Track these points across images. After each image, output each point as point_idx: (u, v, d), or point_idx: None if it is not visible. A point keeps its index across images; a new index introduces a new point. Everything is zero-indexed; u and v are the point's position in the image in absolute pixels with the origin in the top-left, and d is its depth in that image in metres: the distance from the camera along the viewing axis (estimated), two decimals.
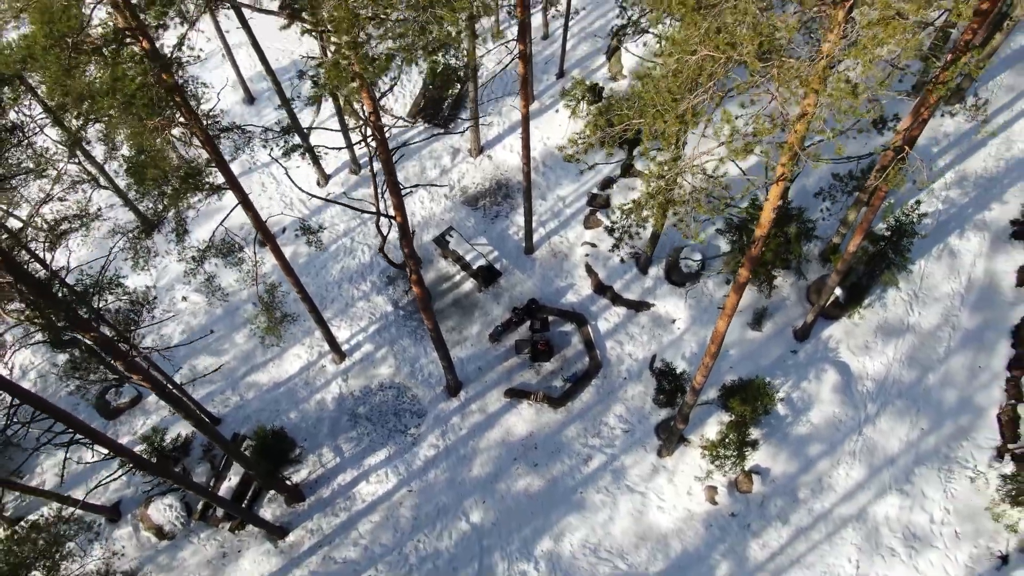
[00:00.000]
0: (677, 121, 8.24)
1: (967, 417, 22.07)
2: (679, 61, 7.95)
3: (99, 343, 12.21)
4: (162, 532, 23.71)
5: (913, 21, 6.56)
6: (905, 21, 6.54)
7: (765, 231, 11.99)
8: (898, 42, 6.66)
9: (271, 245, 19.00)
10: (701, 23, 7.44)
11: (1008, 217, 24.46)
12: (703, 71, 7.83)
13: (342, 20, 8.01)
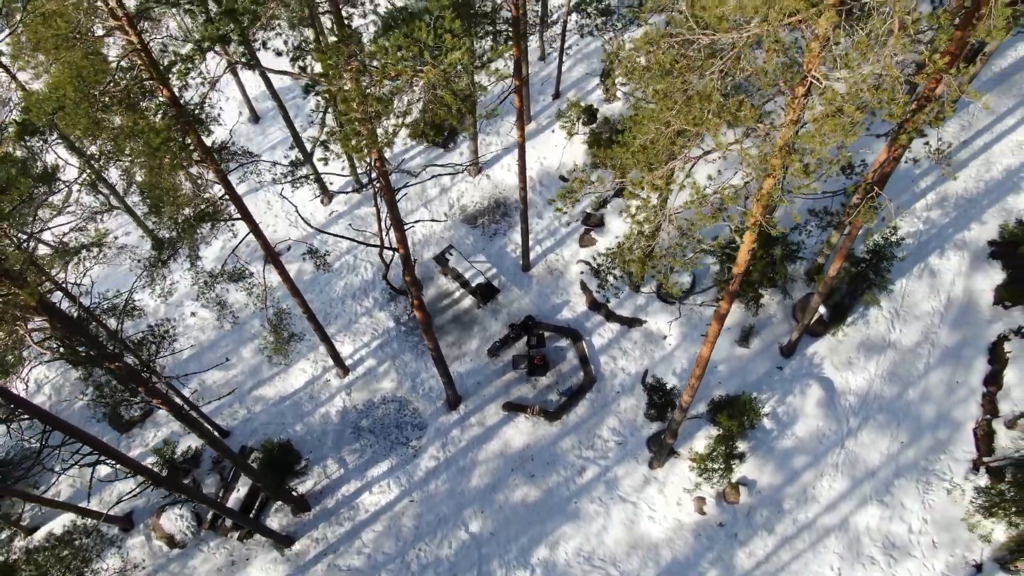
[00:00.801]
0: (653, 188, 9.19)
1: (945, 431, 23.04)
2: (656, 131, 8.92)
3: (124, 373, 13.17)
4: (173, 541, 24.66)
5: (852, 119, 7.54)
6: (845, 119, 7.49)
7: (742, 269, 12.95)
8: (841, 133, 7.63)
9: (279, 269, 19.96)
10: (671, 106, 8.40)
11: (986, 237, 25.43)
12: (675, 143, 8.77)
13: (353, 98, 8.94)
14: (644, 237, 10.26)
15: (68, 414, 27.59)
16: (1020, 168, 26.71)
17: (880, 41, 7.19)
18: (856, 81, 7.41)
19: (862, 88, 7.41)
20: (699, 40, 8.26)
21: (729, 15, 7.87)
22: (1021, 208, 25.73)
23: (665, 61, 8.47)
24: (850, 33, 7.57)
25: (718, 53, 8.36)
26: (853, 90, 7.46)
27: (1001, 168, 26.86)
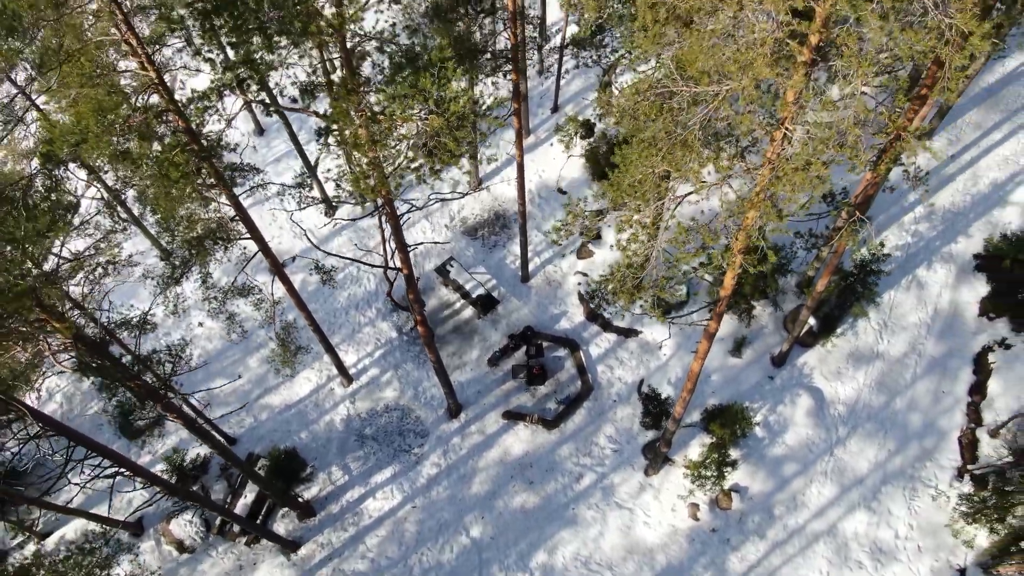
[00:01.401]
0: (641, 226, 9.92)
1: (931, 439, 23.77)
2: (643, 172, 9.66)
3: (143, 391, 13.90)
4: (182, 546, 25.40)
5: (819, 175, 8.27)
6: (812, 174, 8.21)
7: (729, 292, 13.69)
8: (808, 186, 8.35)
9: (287, 286, 20.70)
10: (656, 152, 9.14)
11: (972, 250, 26.16)
12: (661, 185, 9.51)
13: (364, 145, 9.65)
14: (633, 269, 11.00)
15: (80, 421, 28.34)
16: (1006, 182, 27.44)
17: (845, 103, 7.93)
18: (823, 139, 8.13)
19: (828, 145, 8.15)
20: (682, 91, 8.99)
21: (710, 70, 8.59)
22: (1007, 222, 26.45)
23: (651, 111, 9.20)
24: (820, 92, 8.31)
25: (700, 102, 9.09)
26: (820, 147, 8.19)
27: (988, 182, 27.60)
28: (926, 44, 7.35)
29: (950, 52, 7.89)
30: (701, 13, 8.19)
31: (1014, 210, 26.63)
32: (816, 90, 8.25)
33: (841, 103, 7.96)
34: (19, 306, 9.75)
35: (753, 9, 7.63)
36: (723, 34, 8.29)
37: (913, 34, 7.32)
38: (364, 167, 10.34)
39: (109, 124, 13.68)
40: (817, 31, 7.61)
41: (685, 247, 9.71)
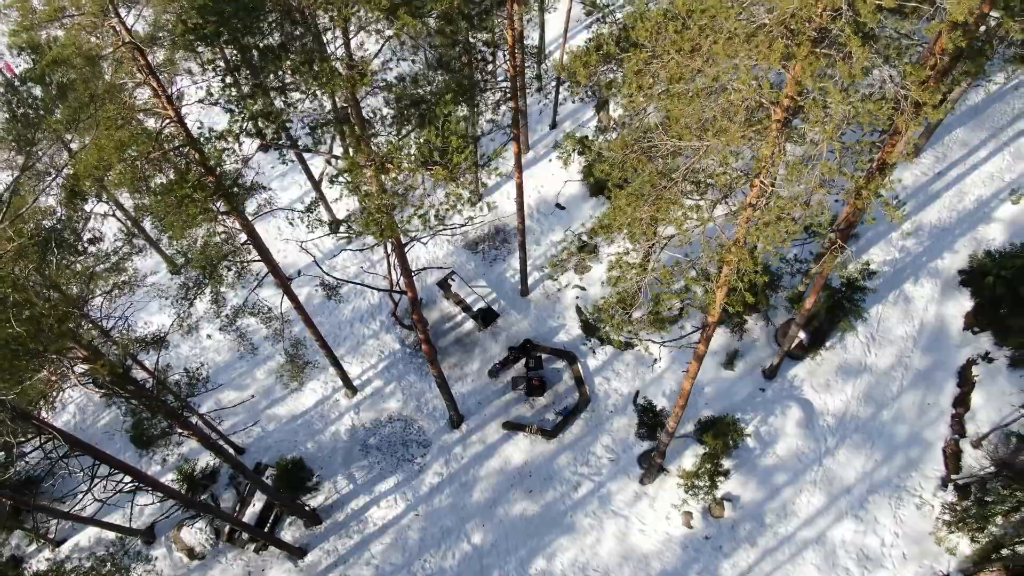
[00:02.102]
0: (629, 267, 10.77)
1: (916, 450, 24.61)
2: (632, 217, 10.50)
3: (163, 412, 14.74)
4: (193, 553, 26.25)
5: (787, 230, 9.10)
6: (781, 229, 9.05)
7: (716, 318, 14.53)
8: (778, 240, 9.18)
9: (295, 304, 21.57)
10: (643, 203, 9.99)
11: (957, 266, 26.99)
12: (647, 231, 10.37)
13: (375, 194, 10.47)
14: (622, 304, 11.84)
15: (92, 431, 29.19)
16: (991, 199, 28.28)
17: (812, 164, 8.75)
18: (791, 198, 8.96)
19: (795, 205, 8.98)
20: (665, 144, 9.81)
21: (692, 126, 9.40)
22: (991, 238, 27.29)
23: (639, 164, 10.01)
24: (797, 138, 9.13)
25: (682, 153, 9.90)
26: (789, 205, 9.04)
27: (973, 198, 28.44)
28: (884, 113, 8.19)
29: (907, 119, 8.75)
30: (682, 82, 9.01)
31: (998, 226, 27.46)
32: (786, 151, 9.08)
33: (808, 164, 8.78)
34: (60, 346, 10.58)
35: (728, 79, 8.46)
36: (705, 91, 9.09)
37: (872, 104, 8.17)
38: (374, 212, 11.19)
39: (131, 161, 14.54)
40: (786, 98, 8.42)
41: (670, 287, 10.59)
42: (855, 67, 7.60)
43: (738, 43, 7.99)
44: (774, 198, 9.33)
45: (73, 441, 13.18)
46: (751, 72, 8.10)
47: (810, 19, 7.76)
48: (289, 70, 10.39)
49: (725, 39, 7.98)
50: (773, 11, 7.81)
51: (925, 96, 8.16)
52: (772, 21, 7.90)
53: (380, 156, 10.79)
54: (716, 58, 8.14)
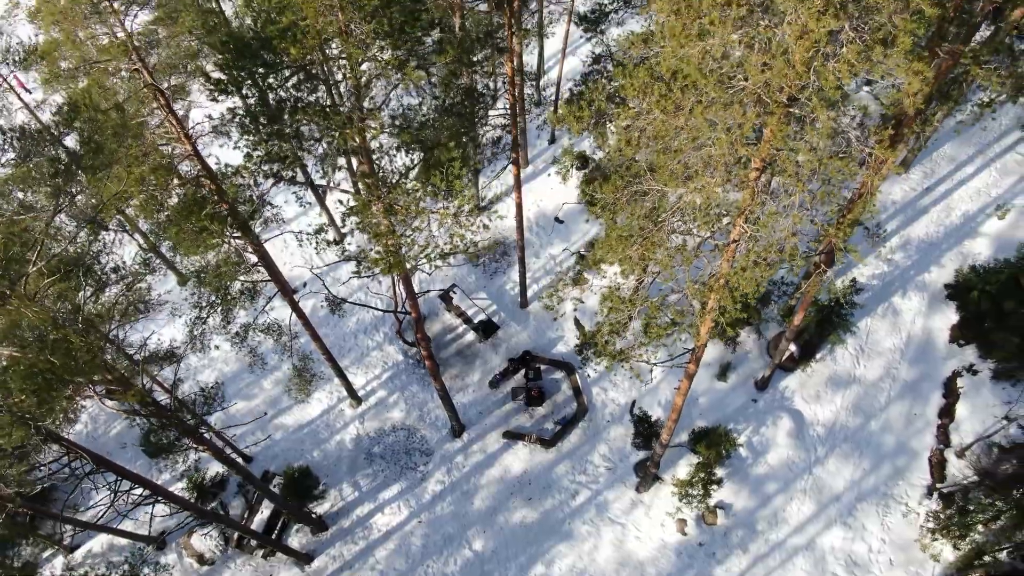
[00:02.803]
0: (620, 301, 11.58)
1: (903, 459, 25.43)
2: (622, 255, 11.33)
3: (181, 430, 15.57)
4: (203, 559, 27.10)
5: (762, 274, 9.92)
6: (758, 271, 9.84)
7: (704, 342, 15.35)
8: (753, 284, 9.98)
9: (303, 320, 22.40)
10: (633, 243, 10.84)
11: (944, 280, 27.80)
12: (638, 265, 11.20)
13: (384, 233, 11.29)
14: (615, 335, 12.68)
15: (104, 440, 30.04)
16: (977, 214, 29.09)
17: (786, 214, 9.57)
18: (767, 246, 9.78)
19: (771, 251, 9.79)
20: (652, 188, 10.61)
21: (678, 175, 10.21)
22: (977, 252, 28.09)
23: (630, 208, 10.83)
24: (776, 193, 9.97)
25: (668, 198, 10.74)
26: (765, 251, 9.85)
27: (960, 213, 29.24)
28: (850, 169, 8.99)
29: (871, 174, 9.55)
30: (666, 138, 9.80)
31: (984, 241, 28.27)
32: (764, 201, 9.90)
33: (782, 213, 9.60)
34: (93, 377, 11.39)
35: (707, 136, 9.26)
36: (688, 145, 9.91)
37: (840, 161, 8.97)
38: (384, 251, 11.99)
39: (151, 192, 15.37)
40: (762, 153, 9.23)
41: (659, 320, 11.42)
42: (821, 132, 8.41)
43: (716, 108, 8.80)
44: (752, 243, 10.14)
45: (98, 459, 14.00)
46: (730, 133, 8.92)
47: (781, 88, 8.56)
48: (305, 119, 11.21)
49: (704, 106, 8.79)
50: (748, 79, 8.61)
51: (887, 154, 8.99)
52: (747, 90, 8.69)
53: (389, 198, 11.61)
54: (697, 120, 8.96)
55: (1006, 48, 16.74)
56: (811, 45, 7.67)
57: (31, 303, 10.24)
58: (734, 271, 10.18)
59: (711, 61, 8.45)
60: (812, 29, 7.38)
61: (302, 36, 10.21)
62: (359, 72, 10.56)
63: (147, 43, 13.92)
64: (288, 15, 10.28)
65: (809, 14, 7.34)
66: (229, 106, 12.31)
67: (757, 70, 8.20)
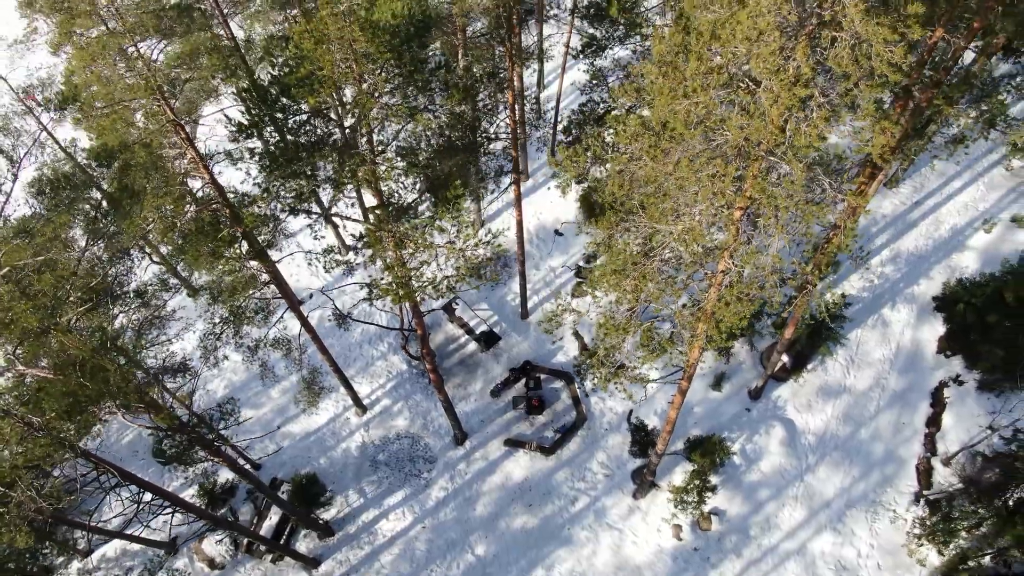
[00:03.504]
0: (615, 328, 12.47)
1: (891, 467, 26.27)
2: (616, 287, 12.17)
3: (200, 444, 16.42)
4: (213, 563, 27.97)
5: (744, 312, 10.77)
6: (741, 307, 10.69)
7: (694, 363, 16.19)
8: (736, 318, 10.83)
9: (311, 334, 23.26)
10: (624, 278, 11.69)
11: (932, 292, 28.63)
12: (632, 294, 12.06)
13: (395, 266, 12.12)
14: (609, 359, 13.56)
15: (116, 448, 30.92)
16: (965, 227, 29.92)
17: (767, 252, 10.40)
18: (749, 284, 10.62)
19: (752, 287, 10.63)
20: (643, 226, 11.45)
21: (667, 214, 11.05)
22: (964, 265, 28.93)
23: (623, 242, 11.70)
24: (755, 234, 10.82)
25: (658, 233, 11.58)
26: (747, 288, 10.69)
27: (948, 227, 30.08)
28: (824, 215, 9.83)
29: (844, 218, 10.36)
30: (656, 182, 10.65)
31: (971, 254, 29.10)
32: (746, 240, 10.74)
33: (763, 252, 10.44)
34: (126, 401, 12.23)
35: (693, 183, 10.11)
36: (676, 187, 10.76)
37: (815, 207, 9.82)
38: (395, 282, 12.83)
39: (172, 221, 16.23)
40: (743, 199, 10.06)
41: (649, 347, 12.29)
42: (796, 182, 9.24)
43: (701, 161, 9.61)
44: (736, 278, 10.98)
45: (123, 474, 14.84)
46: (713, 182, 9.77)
47: (759, 143, 9.38)
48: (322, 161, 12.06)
49: (688, 160, 9.63)
50: (729, 134, 9.45)
51: (858, 201, 9.81)
52: (729, 143, 9.51)
53: (400, 233, 12.46)
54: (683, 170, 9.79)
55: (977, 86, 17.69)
56: (784, 110, 8.51)
57: (71, 335, 11.05)
58: (719, 305, 11.05)
59: (695, 117, 9.28)
60: (784, 97, 8.21)
61: (319, 85, 11.07)
62: (371, 117, 11.39)
63: (170, 80, 14.74)
64: (306, 65, 11.12)
65: (781, 85, 8.19)
66: (249, 146, 13.16)
67: (737, 128, 9.04)
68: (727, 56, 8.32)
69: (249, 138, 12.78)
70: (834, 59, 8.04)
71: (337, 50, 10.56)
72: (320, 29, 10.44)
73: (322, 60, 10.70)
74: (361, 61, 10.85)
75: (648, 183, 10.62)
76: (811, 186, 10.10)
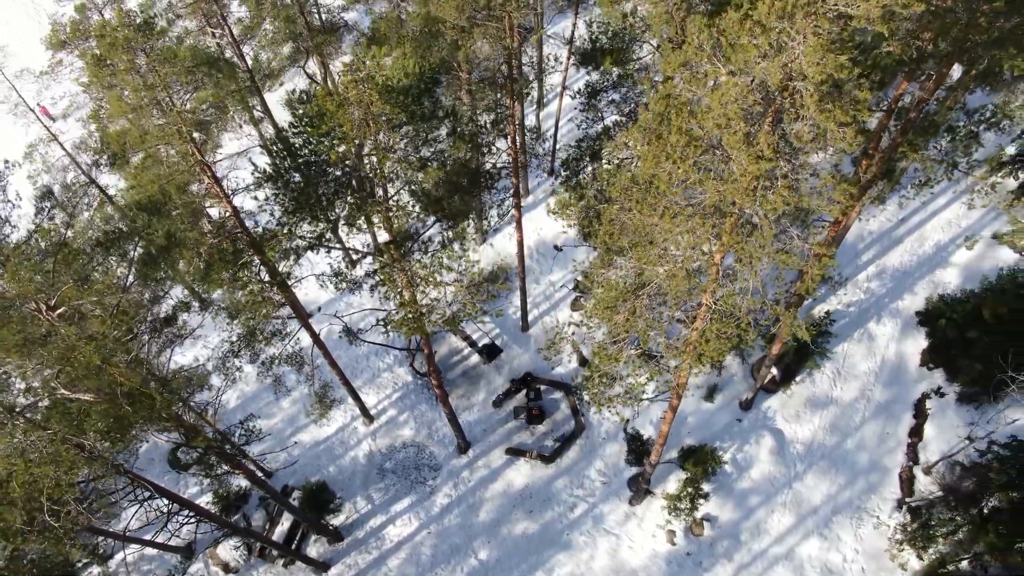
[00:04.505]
0: (607, 357, 13.67)
1: (875, 475, 27.51)
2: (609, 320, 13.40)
3: (224, 459, 17.69)
4: (228, 567, 29.23)
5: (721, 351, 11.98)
6: (720, 343, 11.90)
7: (681, 391, 17.42)
8: (717, 353, 12.06)
9: (321, 349, 24.52)
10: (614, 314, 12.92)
11: (916, 307, 29.86)
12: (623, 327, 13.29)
13: (408, 304, 13.33)
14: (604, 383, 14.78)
15: (133, 457, 32.14)
16: (948, 244, 31.14)
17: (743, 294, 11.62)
18: (728, 322, 11.85)
19: (729, 326, 11.86)
20: (632, 267, 12.68)
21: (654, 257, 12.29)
22: (947, 281, 30.15)
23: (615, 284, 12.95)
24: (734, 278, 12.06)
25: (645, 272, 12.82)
26: (726, 327, 11.93)
27: (932, 243, 31.30)
28: (794, 263, 11.03)
29: (809, 266, 11.60)
30: (643, 230, 11.89)
31: (953, 270, 30.32)
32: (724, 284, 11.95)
33: (740, 294, 11.64)
34: (167, 426, 13.45)
35: (675, 233, 11.36)
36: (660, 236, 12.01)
37: (785, 255, 11.04)
38: (408, 316, 14.05)
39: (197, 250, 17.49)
40: (720, 250, 11.31)
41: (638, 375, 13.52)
42: (765, 237, 10.45)
43: (682, 218, 10.84)
44: (716, 316, 12.21)
45: (158, 488, 16.10)
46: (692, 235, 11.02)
47: (733, 203, 10.61)
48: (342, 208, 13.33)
49: (671, 216, 10.87)
50: (707, 195, 10.69)
51: (824, 250, 11.02)
52: (707, 201, 10.73)
53: (411, 271, 13.69)
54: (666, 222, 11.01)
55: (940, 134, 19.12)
56: (752, 179, 9.71)
57: (123, 369, 12.29)
58: (700, 340, 12.27)
59: (676, 178, 10.50)
60: (752, 168, 9.41)
61: (339, 141, 12.30)
62: (386, 169, 12.60)
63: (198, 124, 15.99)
64: (327, 122, 12.34)
65: (748, 159, 9.40)
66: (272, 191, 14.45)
67: (714, 190, 10.24)
68: (703, 131, 9.53)
69: (272, 184, 14.02)
70: (795, 136, 9.27)
71: (356, 111, 11.80)
72: (342, 93, 11.69)
73: (343, 120, 11.94)
74: (378, 121, 12.11)
75: (636, 232, 11.85)
76: (781, 236, 11.31)
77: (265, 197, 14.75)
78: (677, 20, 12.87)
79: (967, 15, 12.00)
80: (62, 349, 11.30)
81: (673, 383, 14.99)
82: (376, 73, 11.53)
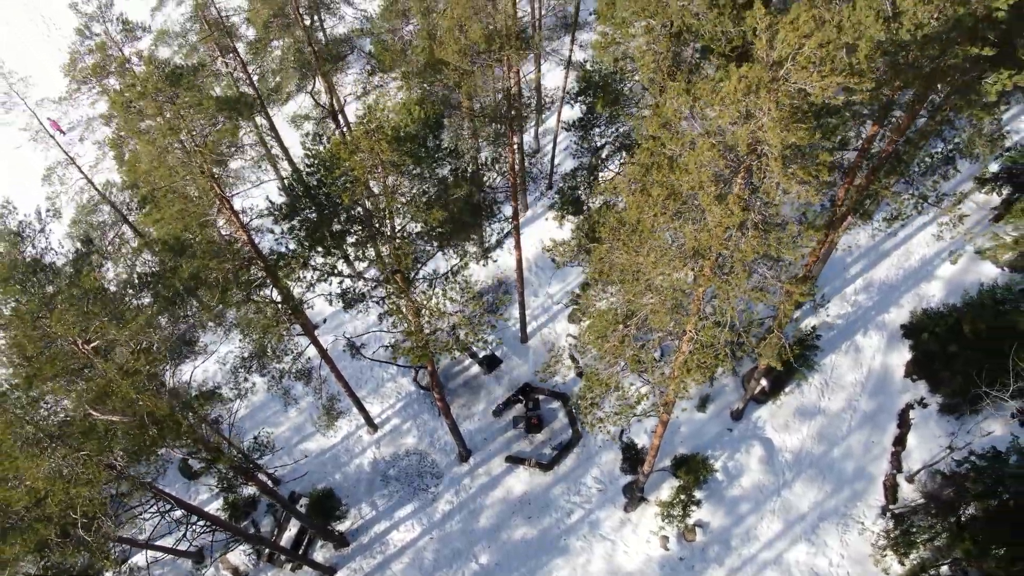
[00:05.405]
0: (599, 383, 14.76)
1: (861, 483, 28.59)
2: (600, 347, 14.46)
3: (241, 473, 18.78)
4: (238, 572, 30.34)
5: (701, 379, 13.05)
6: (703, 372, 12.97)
7: (670, 408, 18.51)
8: (700, 380, 13.12)
9: (328, 362, 25.60)
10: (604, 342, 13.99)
11: (901, 320, 30.94)
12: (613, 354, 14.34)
13: (415, 332, 14.43)
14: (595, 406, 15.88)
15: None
16: (933, 258, 32.22)
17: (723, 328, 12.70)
18: (707, 353, 12.92)
19: (708, 356, 12.94)
20: (621, 299, 13.77)
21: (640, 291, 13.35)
22: (931, 295, 31.22)
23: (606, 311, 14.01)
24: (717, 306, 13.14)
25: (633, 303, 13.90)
26: (707, 356, 12.99)
27: (918, 257, 32.38)
28: (769, 299, 12.07)
29: (783, 304, 12.63)
30: (630, 269, 12.96)
31: (938, 284, 31.40)
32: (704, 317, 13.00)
33: (719, 328, 12.71)
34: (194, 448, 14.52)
35: (659, 272, 12.42)
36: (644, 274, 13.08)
37: (759, 292, 12.09)
38: (414, 345, 15.13)
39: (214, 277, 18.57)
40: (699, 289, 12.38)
41: (627, 400, 14.60)
42: (739, 277, 11.52)
43: (665, 260, 11.91)
44: (698, 347, 13.28)
45: (179, 502, 17.19)
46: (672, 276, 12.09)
47: (710, 247, 11.68)
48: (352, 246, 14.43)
49: (655, 257, 11.95)
50: (685, 238, 11.76)
51: (797, 288, 12.09)
52: (687, 245, 11.80)
53: (417, 303, 14.75)
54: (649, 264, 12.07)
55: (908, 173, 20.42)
56: (726, 229, 10.78)
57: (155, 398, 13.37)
58: (683, 368, 13.34)
59: (659, 225, 11.57)
60: (725, 221, 10.49)
61: (351, 184, 13.40)
62: (394, 211, 13.68)
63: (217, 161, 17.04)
64: (340, 167, 13.42)
65: (721, 213, 10.48)
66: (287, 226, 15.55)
67: (692, 236, 11.32)
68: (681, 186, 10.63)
69: (288, 220, 15.10)
70: (764, 191, 10.33)
71: (367, 158, 12.87)
72: (354, 143, 12.77)
73: (354, 165, 13.02)
74: (387, 166, 13.18)
75: (624, 271, 12.91)
76: (757, 274, 12.37)
77: (282, 231, 15.81)
78: (664, 69, 13.96)
79: (929, 68, 13.06)
80: (101, 384, 12.38)
81: (660, 403, 16.08)
82: (386, 123, 12.62)
